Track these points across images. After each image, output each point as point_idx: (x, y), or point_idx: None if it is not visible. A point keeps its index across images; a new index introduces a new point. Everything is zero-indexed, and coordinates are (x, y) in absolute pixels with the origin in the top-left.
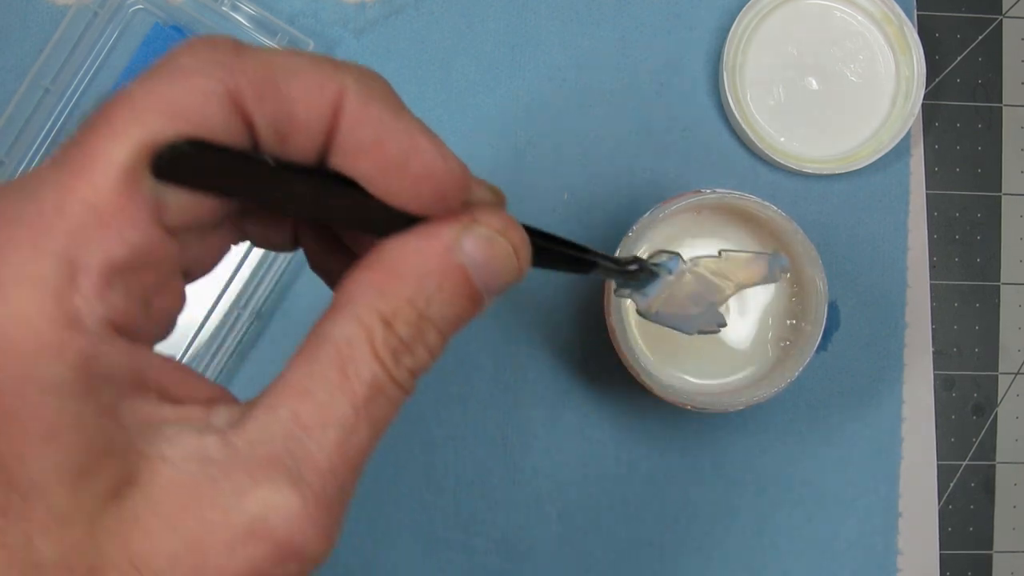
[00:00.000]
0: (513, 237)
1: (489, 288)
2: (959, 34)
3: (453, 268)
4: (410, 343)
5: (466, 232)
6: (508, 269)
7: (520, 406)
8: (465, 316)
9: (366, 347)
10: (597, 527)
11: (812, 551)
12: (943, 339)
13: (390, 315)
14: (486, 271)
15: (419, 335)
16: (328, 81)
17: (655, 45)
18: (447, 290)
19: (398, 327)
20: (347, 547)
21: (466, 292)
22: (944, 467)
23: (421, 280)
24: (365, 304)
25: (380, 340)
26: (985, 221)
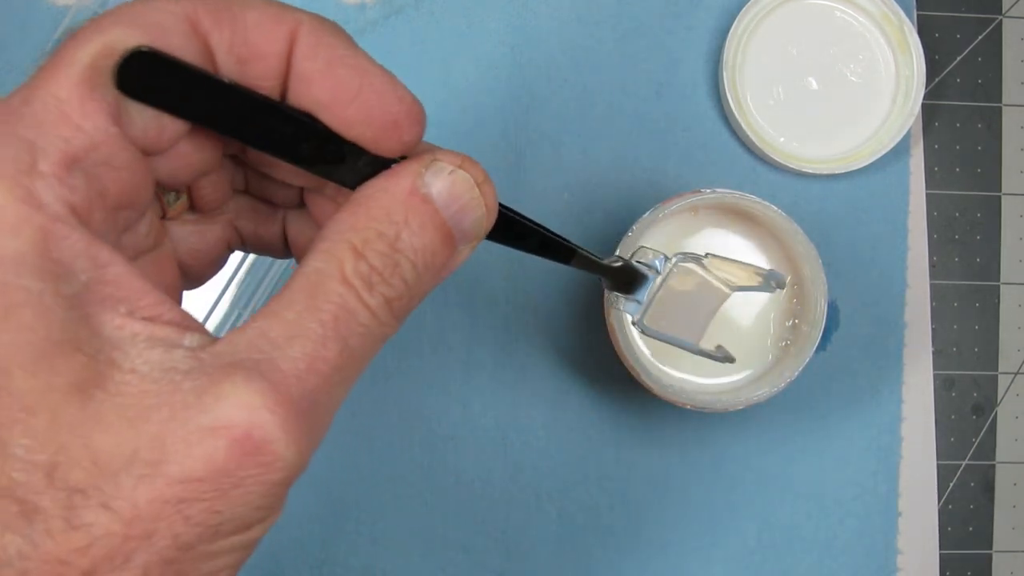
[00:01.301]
0: (473, 171)
1: (459, 223)
2: (959, 34)
3: (419, 200)
4: (383, 272)
5: (428, 169)
6: (473, 201)
7: (520, 406)
8: (438, 251)
9: (335, 274)
10: (597, 527)
11: (812, 551)
12: (943, 339)
13: (360, 246)
14: (452, 203)
15: (392, 266)
16: (283, 13)
17: (655, 45)
18: (415, 221)
19: (369, 256)
20: (347, 547)
21: (434, 222)
22: (944, 467)
23: (389, 214)
24: (335, 239)
25: (350, 268)
26: (985, 221)
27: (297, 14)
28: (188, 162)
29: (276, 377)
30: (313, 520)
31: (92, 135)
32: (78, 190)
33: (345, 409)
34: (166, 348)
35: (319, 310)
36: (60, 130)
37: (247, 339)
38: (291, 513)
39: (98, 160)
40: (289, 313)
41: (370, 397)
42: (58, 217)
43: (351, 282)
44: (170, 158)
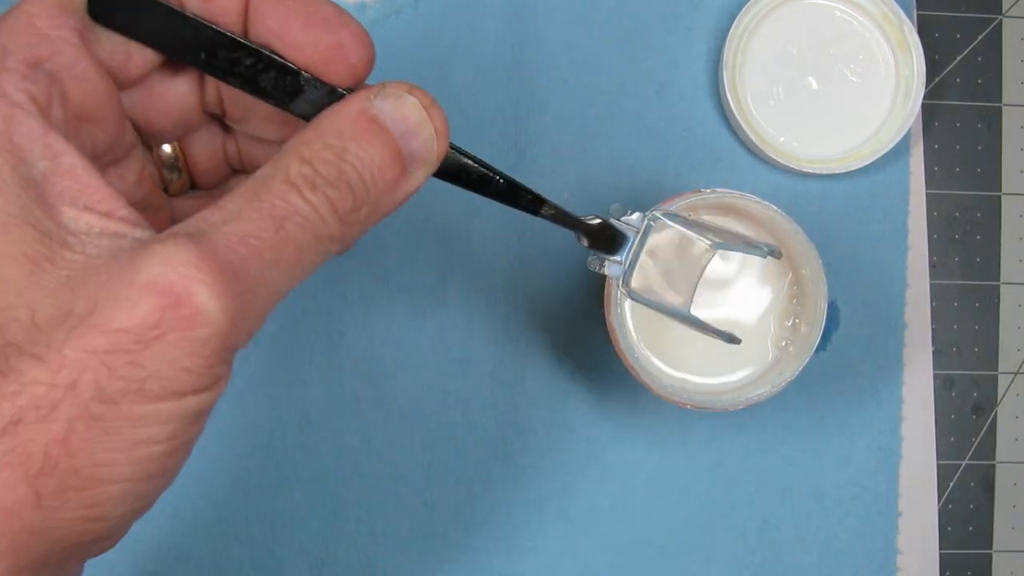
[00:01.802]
0: (420, 96)
1: (408, 143)
2: (959, 34)
3: (367, 118)
4: (327, 175)
5: (376, 94)
6: (420, 122)
7: (520, 406)
8: (387, 167)
9: (280, 175)
10: (597, 527)
11: (812, 551)
12: (943, 339)
13: (308, 155)
14: (400, 124)
15: (337, 172)
16: None
17: (655, 45)
18: (362, 136)
19: (315, 163)
20: (347, 546)
21: (382, 139)
22: (944, 467)
23: (339, 130)
24: (284, 151)
25: (295, 171)
26: (985, 221)
27: None
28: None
29: (205, 243)
30: (313, 520)
31: (56, 44)
32: (39, 85)
33: (345, 408)
34: (116, 238)
35: (259, 201)
36: (28, 38)
37: (186, 224)
38: (291, 513)
39: (61, 65)
40: (231, 205)
41: (370, 397)
42: (18, 104)
43: (294, 181)
44: (143, 94)
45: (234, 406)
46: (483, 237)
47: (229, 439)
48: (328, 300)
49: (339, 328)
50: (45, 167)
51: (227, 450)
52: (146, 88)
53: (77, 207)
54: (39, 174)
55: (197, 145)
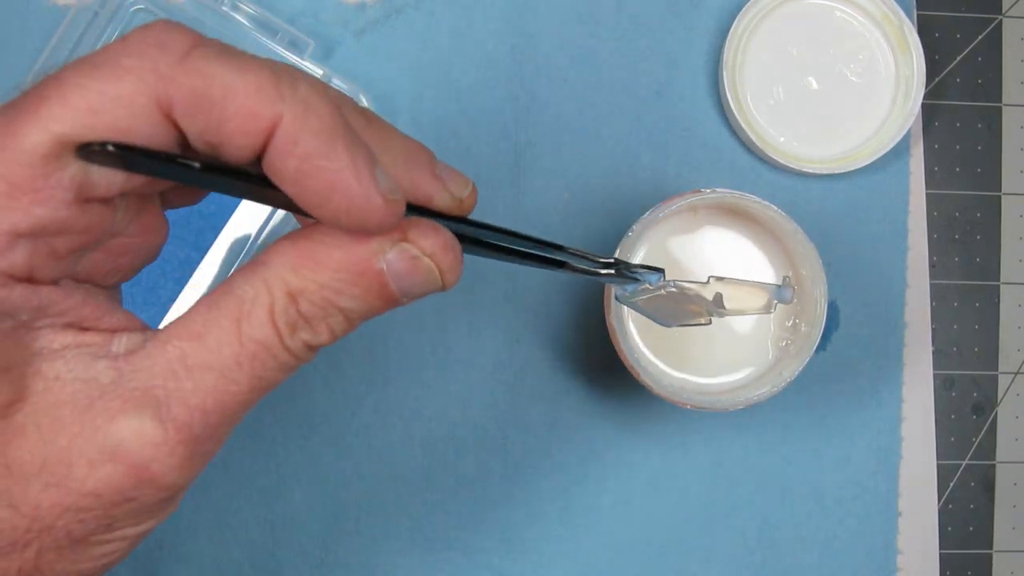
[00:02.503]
0: (440, 260)
1: (408, 292)
2: (959, 34)
3: (372, 272)
4: (311, 320)
5: (393, 247)
6: (429, 283)
7: (520, 406)
8: (376, 311)
9: (265, 311)
10: (597, 527)
11: (812, 551)
12: (943, 339)
13: (296, 291)
14: (406, 282)
15: (322, 316)
16: (265, 108)
17: (655, 45)
18: (361, 288)
19: (301, 304)
20: (347, 547)
21: (380, 294)
22: (944, 466)
23: (337, 273)
24: (277, 274)
25: (280, 309)
26: (985, 221)
27: (279, 107)
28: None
29: (181, 413)
30: (313, 521)
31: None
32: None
33: (345, 409)
34: (92, 357)
35: (241, 345)
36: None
37: (166, 360)
38: (291, 514)
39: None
40: (211, 338)
41: (370, 397)
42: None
43: (277, 323)
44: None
45: None
46: None
47: (229, 441)
48: None
49: None
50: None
51: (227, 452)
52: None
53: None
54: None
55: None
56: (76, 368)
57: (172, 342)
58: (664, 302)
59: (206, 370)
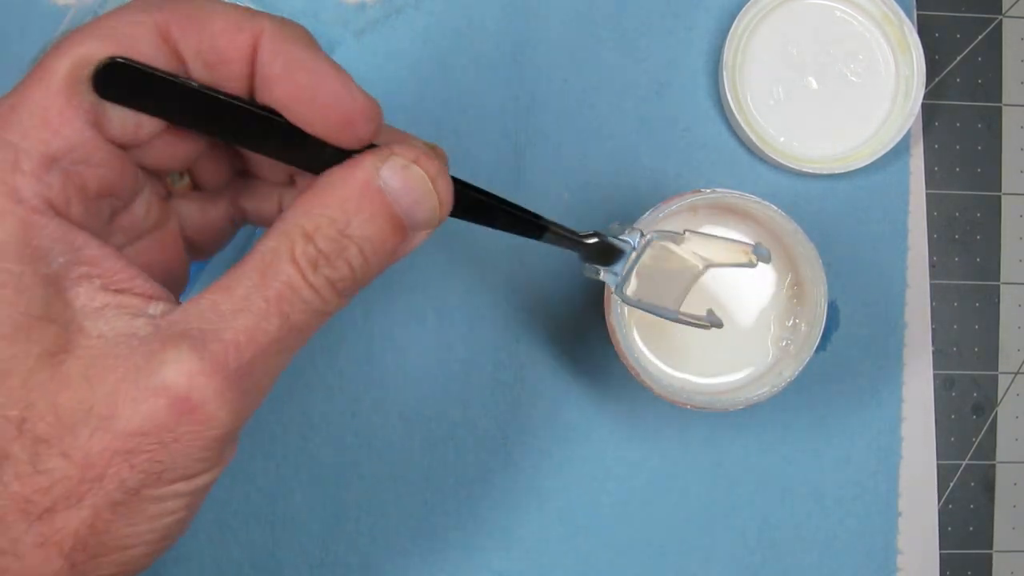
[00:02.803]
0: (427, 166)
1: (411, 215)
2: (959, 34)
3: (372, 191)
4: (329, 255)
5: (383, 162)
6: (425, 194)
7: (520, 406)
8: (388, 239)
9: (286, 255)
10: (597, 527)
11: (812, 551)
12: (943, 339)
13: (311, 230)
14: (404, 196)
15: (339, 250)
16: (246, 20)
17: (655, 45)
18: (367, 210)
19: (318, 240)
20: (347, 547)
21: (385, 212)
22: (944, 467)
23: (343, 203)
24: (292, 222)
25: (299, 250)
26: (985, 221)
27: (260, 20)
28: (171, 153)
29: (217, 347)
30: (313, 521)
31: (70, 138)
32: (54, 186)
33: (345, 409)
34: (131, 316)
35: (267, 287)
36: (40, 134)
37: (199, 310)
38: (291, 513)
39: (76, 159)
40: (240, 288)
41: (370, 397)
42: (36, 209)
43: (298, 263)
44: (152, 151)
45: None
46: (484, 237)
47: None
48: None
49: (339, 330)
50: (65, 260)
51: None
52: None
53: (94, 287)
54: (59, 267)
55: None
56: (117, 325)
57: (204, 297)
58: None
59: (236, 313)
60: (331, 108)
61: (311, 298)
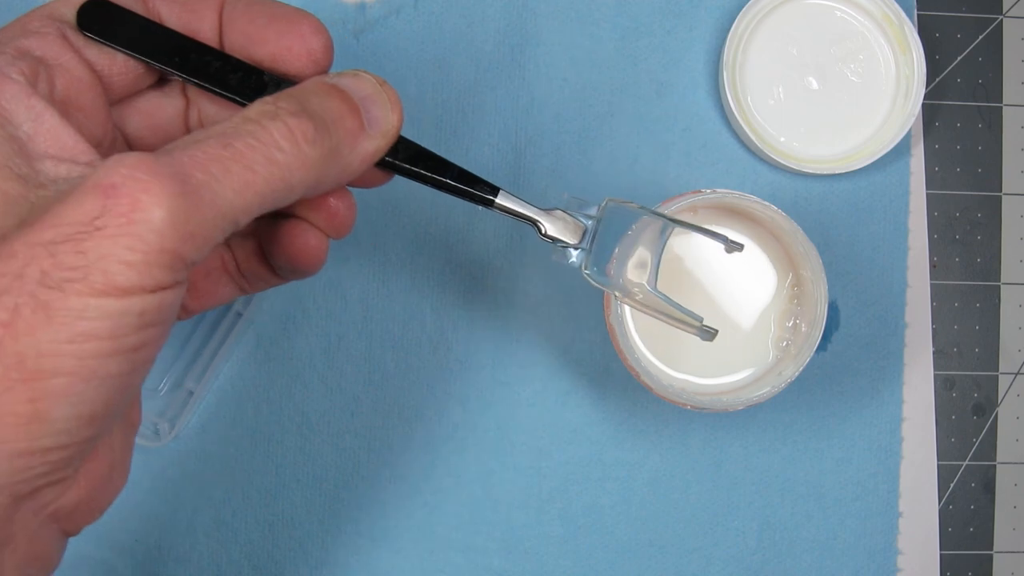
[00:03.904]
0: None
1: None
2: (959, 34)
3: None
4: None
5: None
6: (377, 94)
7: (520, 406)
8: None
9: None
10: (597, 527)
11: (812, 551)
12: (943, 339)
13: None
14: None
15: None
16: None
17: (655, 45)
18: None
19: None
20: (347, 547)
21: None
22: (944, 467)
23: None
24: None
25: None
26: (985, 221)
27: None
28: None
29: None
30: (313, 520)
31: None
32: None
33: (344, 409)
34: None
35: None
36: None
37: None
38: (291, 513)
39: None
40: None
41: (370, 397)
42: (6, 75)
43: (251, 115)
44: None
45: (233, 408)
46: (483, 237)
47: (229, 441)
48: (328, 302)
49: (338, 330)
50: (29, 128)
51: (226, 452)
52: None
53: (54, 159)
54: (24, 134)
55: None
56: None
57: None
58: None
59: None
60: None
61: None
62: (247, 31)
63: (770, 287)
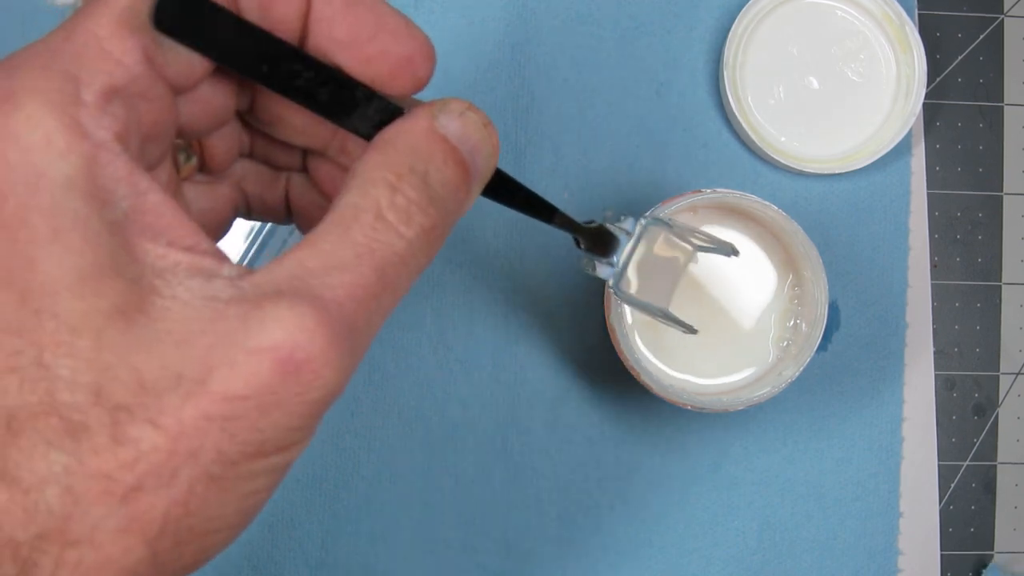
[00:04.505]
0: (480, 113)
1: (473, 161)
2: (960, 33)
3: (439, 138)
4: (420, 203)
5: (439, 111)
6: (482, 138)
7: (520, 406)
8: (460, 185)
9: (371, 208)
10: (597, 527)
11: (812, 551)
12: (944, 339)
13: (395, 180)
14: (465, 141)
15: (427, 198)
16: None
17: (655, 45)
18: (438, 155)
19: (405, 189)
20: (347, 547)
21: (455, 156)
22: (945, 467)
23: (416, 150)
24: (368, 176)
25: (387, 201)
26: (986, 221)
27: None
28: (207, 108)
29: (317, 303)
30: (312, 522)
31: (130, 69)
32: (118, 119)
33: (344, 409)
34: (206, 277)
35: (355, 242)
36: (101, 64)
37: (286, 270)
38: (290, 515)
39: (134, 92)
40: (325, 244)
41: (370, 397)
42: (102, 144)
43: (386, 215)
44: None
45: None
46: (484, 237)
47: None
48: None
49: None
50: (128, 206)
51: None
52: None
53: (161, 244)
54: (122, 215)
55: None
56: (192, 286)
57: (287, 257)
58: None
59: (329, 269)
60: (392, 45)
61: (404, 251)
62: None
63: (770, 287)
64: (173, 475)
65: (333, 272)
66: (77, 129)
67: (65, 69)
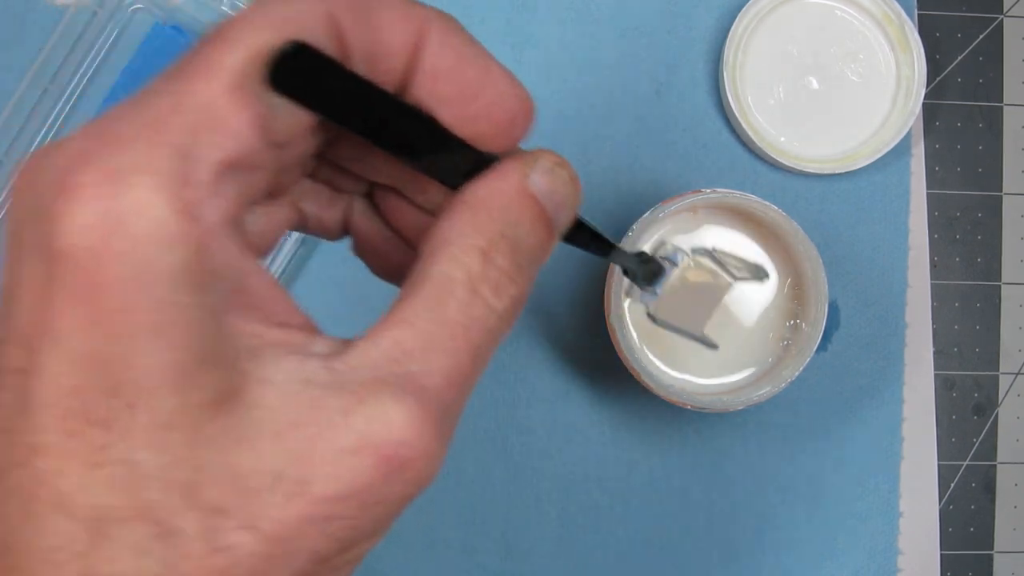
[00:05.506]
0: (568, 168)
1: (557, 216)
2: (960, 33)
3: (529, 199)
4: (511, 274)
5: (532, 167)
6: (569, 195)
7: (520, 406)
8: (545, 246)
9: (464, 280)
10: (597, 527)
11: (812, 551)
12: (944, 339)
13: (487, 248)
14: (552, 199)
15: (517, 267)
16: (413, 11)
17: (655, 45)
18: (528, 218)
19: (497, 259)
20: None
21: (543, 219)
22: (945, 467)
23: (507, 214)
24: (461, 243)
25: (479, 273)
26: (986, 221)
27: (426, 11)
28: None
29: (421, 395)
30: None
31: (246, 140)
32: (230, 198)
33: None
34: (300, 357)
35: (451, 320)
36: (216, 137)
37: (382, 351)
38: None
39: (247, 164)
40: (420, 322)
41: None
42: (213, 229)
43: (480, 289)
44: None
45: None
46: None
47: None
48: (328, 302)
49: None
50: (230, 288)
51: None
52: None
53: (255, 322)
54: (223, 298)
55: None
56: (286, 368)
57: (382, 336)
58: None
59: (426, 351)
60: (497, 105)
61: (496, 325)
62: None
63: (770, 287)
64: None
65: (432, 356)
66: (189, 214)
67: (176, 144)
